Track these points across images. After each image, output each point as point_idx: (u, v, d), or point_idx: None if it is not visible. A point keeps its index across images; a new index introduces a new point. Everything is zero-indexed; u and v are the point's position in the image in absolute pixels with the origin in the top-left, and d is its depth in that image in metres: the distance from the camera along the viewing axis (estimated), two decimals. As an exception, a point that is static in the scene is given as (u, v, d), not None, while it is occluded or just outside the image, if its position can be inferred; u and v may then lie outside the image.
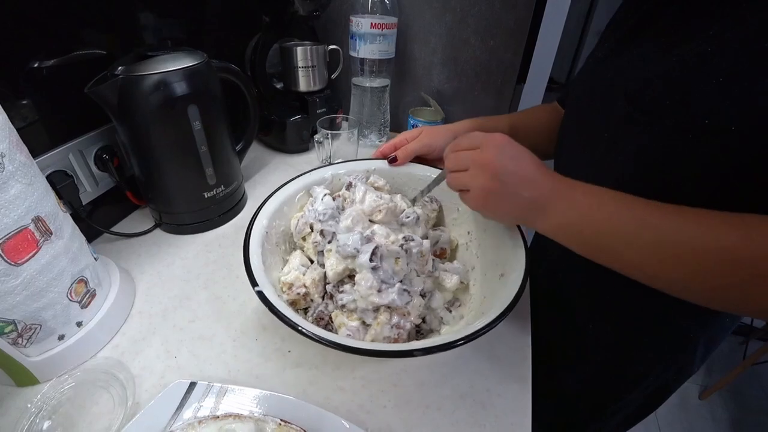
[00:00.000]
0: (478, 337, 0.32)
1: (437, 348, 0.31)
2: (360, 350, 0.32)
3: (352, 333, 0.40)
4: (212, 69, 0.51)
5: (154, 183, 0.52)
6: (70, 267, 0.39)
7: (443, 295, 0.45)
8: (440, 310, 0.44)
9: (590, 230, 0.33)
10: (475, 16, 0.71)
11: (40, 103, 0.47)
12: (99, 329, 0.42)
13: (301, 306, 0.43)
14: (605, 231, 0.32)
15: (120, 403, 0.37)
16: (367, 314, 0.40)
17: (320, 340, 0.32)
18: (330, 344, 0.32)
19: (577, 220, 0.34)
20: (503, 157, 0.35)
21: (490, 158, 0.35)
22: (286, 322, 0.34)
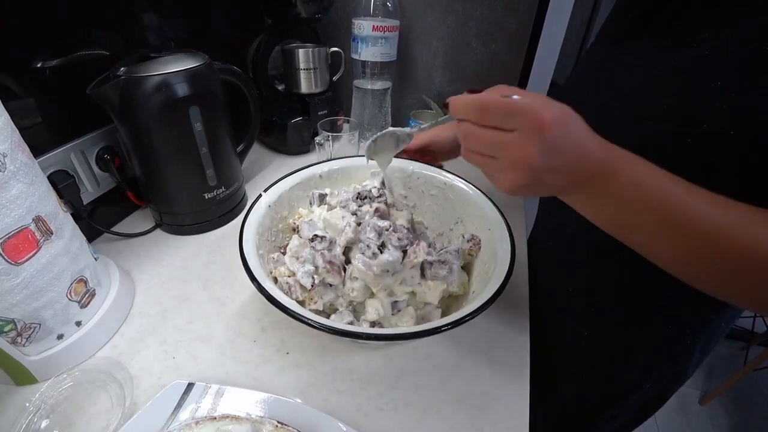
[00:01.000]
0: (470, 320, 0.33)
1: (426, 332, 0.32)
2: (352, 333, 0.32)
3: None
4: (214, 70, 0.52)
5: (155, 184, 0.52)
6: (70, 267, 0.39)
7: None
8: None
9: (619, 218, 0.30)
10: (477, 19, 0.71)
11: (43, 103, 0.47)
12: (98, 329, 0.42)
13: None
14: (636, 225, 0.30)
15: (118, 404, 0.37)
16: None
17: (313, 324, 0.32)
18: (324, 328, 0.32)
19: (611, 210, 0.30)
20: (548, 154, 0.26)
21: (530, 155, 0.26)
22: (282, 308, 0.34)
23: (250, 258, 0.38)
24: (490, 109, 0.27)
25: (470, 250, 0.45)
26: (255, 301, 0.47)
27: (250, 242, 0.40)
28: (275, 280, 0.41)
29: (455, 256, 0.42)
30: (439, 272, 0.41)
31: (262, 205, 0.44)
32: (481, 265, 0.44)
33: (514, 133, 0.27)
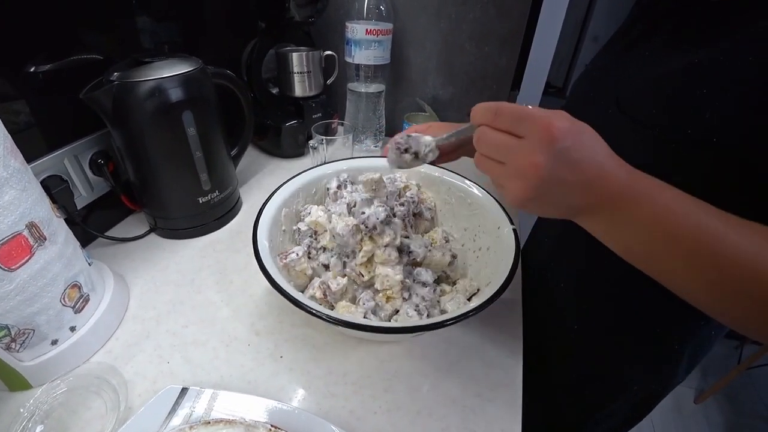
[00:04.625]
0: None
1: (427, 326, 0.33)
2: (351, 324, 0.33)
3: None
4: (207, 75, 0.52)
5: (149, 188, 0.52)
6: (63, 272, 0.39)
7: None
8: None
9: (642, 248, 0.29)
10: (470, 22, 0.72)
11: (37, 107, 0.47)
12: (92, 334, 0.42)
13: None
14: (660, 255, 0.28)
15: (112, 408, 0.37)
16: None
17: (317, 314, 0.33)
18: (328, 319, 0.33)
19: (629, 237, 0.29)
20: (556, 164, 0.26)
21: (537, 164, 0.26)
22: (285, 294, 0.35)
23: (262, 248, 0.39)
24: (503, 112, 0.28)
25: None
26: (249, 305, 0.47)
27: (264, 235, 0.41)
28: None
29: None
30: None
31: (277, 203, 0.45)
32: (482, 257, 0.45)
33: (524, 139, 0.27)
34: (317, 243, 0.44)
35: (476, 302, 0.35)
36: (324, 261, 0.43)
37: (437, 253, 0.45)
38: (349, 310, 0.40)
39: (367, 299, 0.41)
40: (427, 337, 0.45)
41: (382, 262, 0.40)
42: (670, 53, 0.34)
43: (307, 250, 0.43)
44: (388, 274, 0.39)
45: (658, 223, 0.27)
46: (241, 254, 0.55)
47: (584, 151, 0.26)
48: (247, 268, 0.52)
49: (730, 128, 0.29)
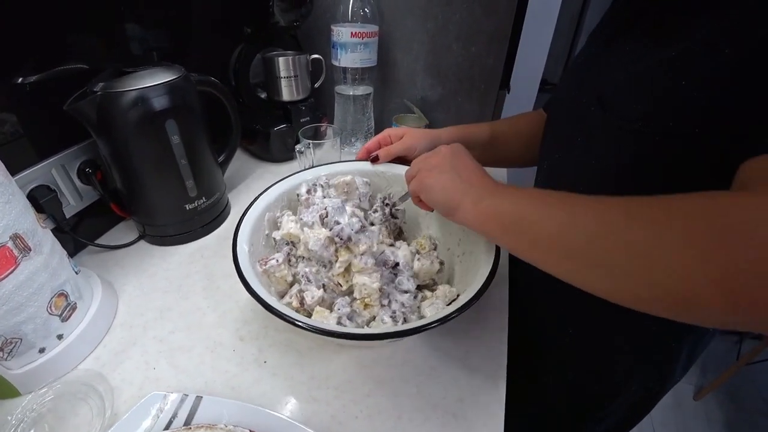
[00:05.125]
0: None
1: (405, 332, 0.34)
2: (320, 330, 0.34)
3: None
4: (191, 83, 0.52)
5: (136, 196, 0.53)
6: (49, 282, 0.40)
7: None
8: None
9: (511, 217, 0.32)
10: (456, 23, 0.72)
11: (24, 118, 0.48)
12: (80, 342, 0.43)
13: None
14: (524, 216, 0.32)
15: (98, 415, 0.38)
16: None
17: (287, 318, 0.34)
18: (298, 324, 0.33)
19: (504, 209, 0.33)
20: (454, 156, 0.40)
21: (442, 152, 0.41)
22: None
23: (242, 253, 0.40)
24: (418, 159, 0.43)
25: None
26: (234, 311, 0.48)
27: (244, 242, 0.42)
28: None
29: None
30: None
31: (257, 211, 0.46)
32: (464, 262, 0.45)
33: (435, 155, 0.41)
34: (296, 251, 0.45)
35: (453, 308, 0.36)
36: (301, 271, 0.43)
37: (426, 262, 0.45)
38: (323, 316, 0.40)
39: (343, 305, 0.41)
40: (410, 342, 0.45)
41: (359, 271, 0.41)
42: (650, 47, 0.34)
43: (287, 257, 0.44)
44: (365, 282, 0.40)
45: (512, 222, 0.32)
46: (228, 260, 0.54)
47: (467, 155, 0.41)
48: (234, 274, 0.52)
49: (712, 120, 0.29)
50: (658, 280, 0.23)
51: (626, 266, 0.25)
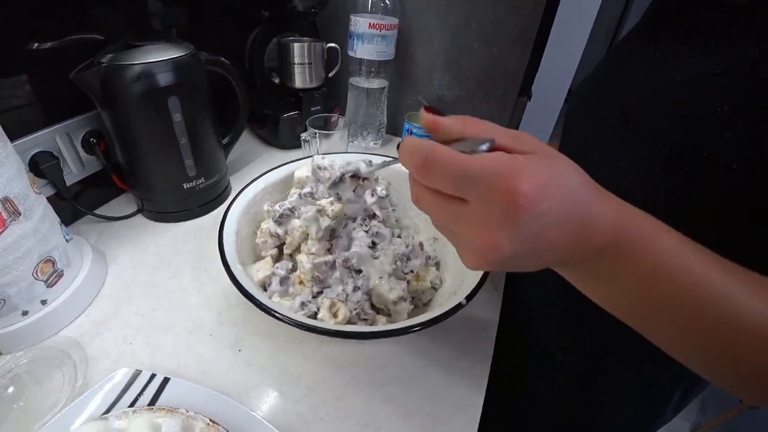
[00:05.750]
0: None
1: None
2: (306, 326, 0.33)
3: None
4: (199, 61, 0.52)
5: (135, 170, 0.53)
6: (37, 247, 0.40)
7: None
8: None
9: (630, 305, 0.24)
10: (479, 21, 0.69)
11: (34, 84, 0.48)
12: (63, 309, 0.43)
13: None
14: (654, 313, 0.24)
15: (69, 383, 0.38)
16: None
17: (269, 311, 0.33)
18: (283, 318, 0.33)
19: (615, 292, 0.24)
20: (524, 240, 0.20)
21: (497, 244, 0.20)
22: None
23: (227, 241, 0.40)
24: (435, 167, 0.20)
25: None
26: (218, 295, 0.48)
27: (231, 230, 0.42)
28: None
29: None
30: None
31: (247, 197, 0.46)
32: (454, 260, 0.44)
33: (471, 204, 0.20)
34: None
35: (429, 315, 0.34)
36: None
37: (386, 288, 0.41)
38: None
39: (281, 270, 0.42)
40: (389, 347, 0.43)
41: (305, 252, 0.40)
42: (686, 58, 0.30)
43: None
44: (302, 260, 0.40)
45: (653, 279, 0.22)
46: (221, 242, 0.55)
47: (560, 208, 0.20)
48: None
49: (756, 153, 0.25)
50: None
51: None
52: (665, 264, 0.21)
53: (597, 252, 0.22)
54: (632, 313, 0.24)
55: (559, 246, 0.21)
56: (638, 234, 0.22)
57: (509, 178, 0.19)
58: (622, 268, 0.22)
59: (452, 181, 0.20)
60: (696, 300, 0.21)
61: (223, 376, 0.40)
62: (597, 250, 0.22)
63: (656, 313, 0.23)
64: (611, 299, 0.24)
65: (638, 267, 0.22)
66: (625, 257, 0.22)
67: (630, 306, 0.24)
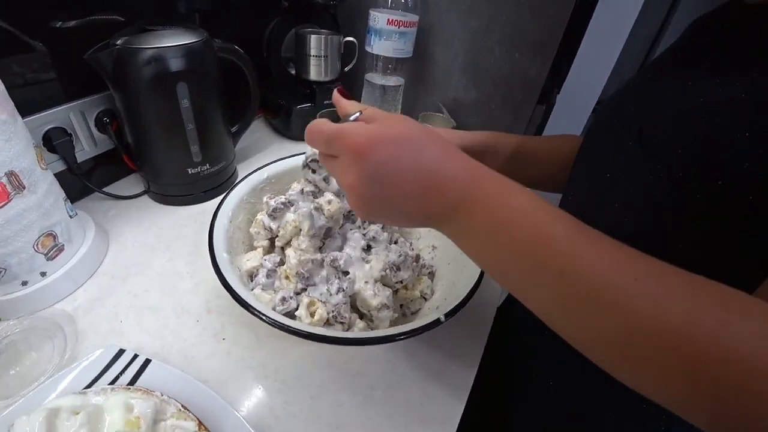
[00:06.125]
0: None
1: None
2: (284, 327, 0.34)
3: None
4: (211, 48, 0.52)
5: (143, 151, 0.54)
6: (39, 221, 0.42)
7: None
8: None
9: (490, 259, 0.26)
10: (502, 24, 0.66)
11: (54, 61, 0.50)
12: (61, 282, 0.45)
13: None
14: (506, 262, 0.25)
15: (58, 355, 0.40)
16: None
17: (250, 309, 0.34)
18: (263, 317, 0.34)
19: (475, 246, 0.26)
20: (372, 182, 0.26)
21: (350, 184, 0.26)
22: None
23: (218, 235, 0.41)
24: (316, 135, 0.28)
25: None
26: (210, 281, 0.48)
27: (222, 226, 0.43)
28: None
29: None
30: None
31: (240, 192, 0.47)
32: (447, 272, 0.43)
33: (339, 158, 0.27)
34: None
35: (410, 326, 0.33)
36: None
37: (369, 293, 0.41)
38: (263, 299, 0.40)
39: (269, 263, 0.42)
40: (370, 352, 0.43)
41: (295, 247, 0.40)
42: (714, 82, 0.28)
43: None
44: (290, 255, 0.40)
45: (499, 233, 0.24)
46: (220, 230, 0.56)
47: (404, 162, 0.25)
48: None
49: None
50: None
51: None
52: (511, 218, 0.24)
53: (452, 207, 0.25)
54: (492, 266, 0.26)
55: (412, 196, 0.26)
56: (484, 192, 0.25)
57: (354, 135, 0.26)
58: (475, 222, 0.25)
59: (324, 143, 0.28)
60: (536, 252, 0.23)
61: (204, 362, 0.40)
62: (452, 206, 0.25)
63: (508, 265, 0.25)
64: (481, 255, 0.26)
65: (487, 220, 0.25)
66: (474, 212, 0.25)
67: (494, 261, 0.26)
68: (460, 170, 0.26)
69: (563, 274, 0.22)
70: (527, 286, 0.25)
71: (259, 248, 0.46)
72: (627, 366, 0.22)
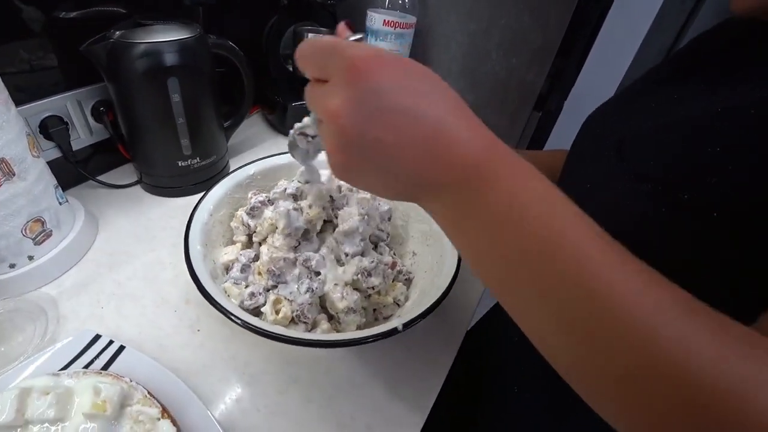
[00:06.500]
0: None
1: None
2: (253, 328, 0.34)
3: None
4: (204, 44, 0.53)
5: (135, 142, 0.56)
6: (28, 207, 0.43)
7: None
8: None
9: (485, 250, 0.22)
10: (501, 28, 0.66)
11: (54, 51, 0.51)
12: (48, 266, 0.46)
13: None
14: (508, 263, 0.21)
15: (38, 337, 0.41)
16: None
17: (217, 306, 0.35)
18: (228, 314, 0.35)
19: (473, 230, 0.22)
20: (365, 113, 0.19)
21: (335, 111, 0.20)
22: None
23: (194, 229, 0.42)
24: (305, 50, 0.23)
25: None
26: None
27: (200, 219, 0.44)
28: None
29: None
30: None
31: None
32: (423, 279, 0.43)
33: (329, 82, 0.21)
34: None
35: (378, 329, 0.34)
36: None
37: (337, 297, 0.41)
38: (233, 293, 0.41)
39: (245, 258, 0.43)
40: (340, 352, 0.43)
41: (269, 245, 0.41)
42: (701, 93, 0.28)
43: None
44: (263, 252, 0.41)
45: (507, 216, 0.20)
46: (207, 222, 0.57)
47: (410, 99, 0.19)
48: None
49: (740, 202, 0.23)
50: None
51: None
52: (524, 203, 0.19)
53: (460, 177, 0.20)
54: (490, 261, 0.21)
55: (411, 147, 0.20)
56: (505, 166, 0.20)
57: (356, 48, 0.20)
58: (482, 197, 0.20)
59: (318, 57, 0.22)
60: (545, 253, 0.19)
61: (177, 352, 0.42)
62: (460, 175, 0.20)
63: (512, 261, 0.20)
64: (477, 243, 0.21)
65: (503, 199, 0.20)
66: (486, 190, 0.20)
67: (493, 253, 0.21)
68: (478, 136, 0.20)
69: (577, 285, 0.18)
70: (528, 292, 0.20)
71: (238, 243, 0.47)
72: (625, 405, 0.19)
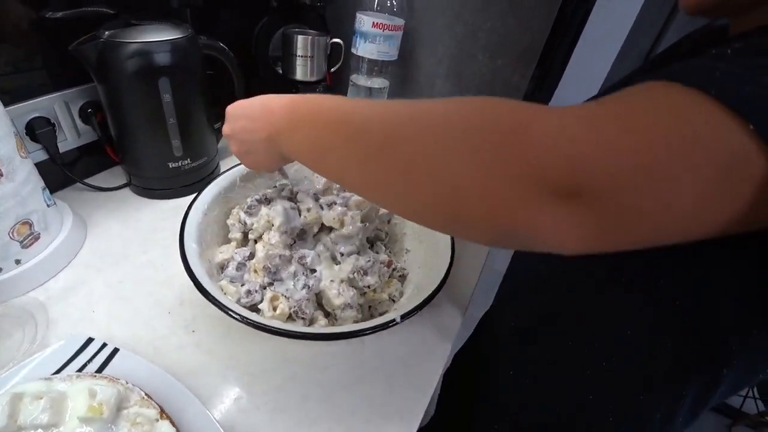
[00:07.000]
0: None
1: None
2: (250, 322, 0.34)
3: None
4: (196, 45, 0.53)
5: (124, 144, 0.55)
6: (15, 209, 0.42)
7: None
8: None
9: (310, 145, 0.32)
10: (487, 31, 0.68)
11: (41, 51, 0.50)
12: (36, 270, 0.45)
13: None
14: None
15: (27, 342, 0.40)
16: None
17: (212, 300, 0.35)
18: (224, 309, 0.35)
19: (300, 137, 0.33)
20: (235, 123, 0.40)
21: (225, 130, 0.42)
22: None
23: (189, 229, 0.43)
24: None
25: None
26: (183, 274, 0.48)
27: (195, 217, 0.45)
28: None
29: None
30: None
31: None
32: (417, 275, 0.44)
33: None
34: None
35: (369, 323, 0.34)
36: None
37: (333, 295, 0.42)
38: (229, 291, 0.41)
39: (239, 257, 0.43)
40: (337, 347, 0.44)
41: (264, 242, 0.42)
42: None
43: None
44: (258, 249, 0.42)
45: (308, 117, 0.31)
46: (199, 224, 0.56)
47: (248, 109, 0.38)
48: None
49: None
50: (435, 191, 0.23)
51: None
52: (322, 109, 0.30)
53: (283, 121, 0.34)
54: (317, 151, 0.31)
55: (256, 119, 0.36)
56: (305, 101, 0.32)
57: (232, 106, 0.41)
58: (299, 121, 0.32)
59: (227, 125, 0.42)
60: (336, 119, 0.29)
61: (173, 353, 0.41)
62: (282, 120, 0.34)
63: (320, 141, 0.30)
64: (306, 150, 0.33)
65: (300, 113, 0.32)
66: (292, 111, 0.33)
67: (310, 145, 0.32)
68: (285, 99, 0.35)
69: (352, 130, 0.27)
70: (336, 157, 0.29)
71: (234, 241, 0.47)
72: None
